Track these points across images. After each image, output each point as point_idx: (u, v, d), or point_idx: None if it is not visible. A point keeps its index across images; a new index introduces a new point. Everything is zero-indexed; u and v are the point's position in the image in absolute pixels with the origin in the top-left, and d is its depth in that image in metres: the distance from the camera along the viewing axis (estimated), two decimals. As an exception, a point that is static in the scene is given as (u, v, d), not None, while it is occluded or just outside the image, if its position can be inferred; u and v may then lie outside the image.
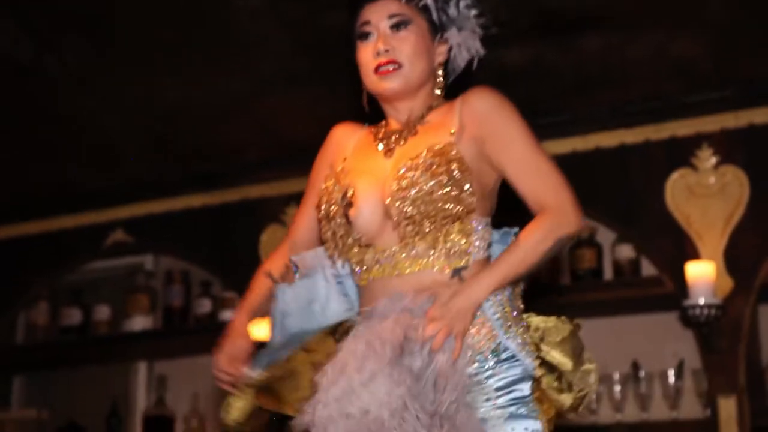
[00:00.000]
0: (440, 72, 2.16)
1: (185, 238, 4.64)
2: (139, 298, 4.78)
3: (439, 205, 1.97)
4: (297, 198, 4.44)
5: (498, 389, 1.93)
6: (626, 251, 4.05)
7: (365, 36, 2.14)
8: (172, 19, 3.41)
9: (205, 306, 4.67)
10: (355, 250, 2.06)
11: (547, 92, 3.86)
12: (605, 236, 4.10)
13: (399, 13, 2.12)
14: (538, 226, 1.96)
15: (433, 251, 2.00)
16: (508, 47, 3.49)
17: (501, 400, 1.92)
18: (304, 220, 2.28)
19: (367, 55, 2.13)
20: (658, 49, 3.53)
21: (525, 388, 1.94)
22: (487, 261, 2.04)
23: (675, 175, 3.87)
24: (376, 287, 2.03)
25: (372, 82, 2.14)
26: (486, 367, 1.93)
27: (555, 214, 1.96)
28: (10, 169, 4.52)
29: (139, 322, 4.76)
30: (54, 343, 4.94)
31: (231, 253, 4.54)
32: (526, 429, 1.93)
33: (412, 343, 1.88)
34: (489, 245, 2.05)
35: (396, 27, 2.12)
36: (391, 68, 2.10)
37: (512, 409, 1.92)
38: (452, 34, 2.15)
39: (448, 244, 2.00)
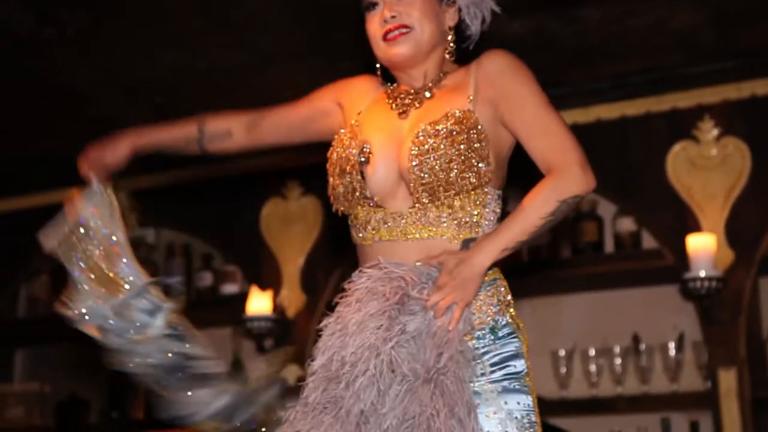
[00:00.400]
0: (450, 36, 2.14)
1: (186, 211, 4.64)
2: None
3: (457, 174, 1.96)
4: (298, 172, 4.47)
5: (493, 365, 1.93)
6: (627, 224, 4.04)
7: (372, 6, 2.12)
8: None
9: (206, 279, 4.67)
10: (365, 207, 2.05)
11: (548, 64, 3.83)
12: (606, 209, 4.10)
13: None
14: (541, 188, 1.93)
15: (445, 219, 1.98)
16: (508, 18, 3.46)
17: (495, 375, 1.92)
18: (282, 115, 2.28)
19: (374, 25, 2.11)
20: (659, 20, 3.50)
21: (518, 365, 1.95)
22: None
23: (676, 147, 3.86)
24: (381, 248, 2.01)
25: (382, 50, 2.11)
26: (483, 343, 1.93)
27: (560, 175, 1.93)
28: (10, 142, 4.51)
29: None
30: (55, 316, 4.94)
31: (232, 226, 4.54)
32: (518, 403, 1.93)
33: (413, 303, 1.87)
34: (498, 219, 2.04)
35: None
36: (398, 33, 2.09)
37: (505, 383, 1.92)
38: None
39: (461, 214, 1.98)
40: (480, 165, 1.97)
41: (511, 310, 1.99)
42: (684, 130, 3.86)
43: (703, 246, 3.65)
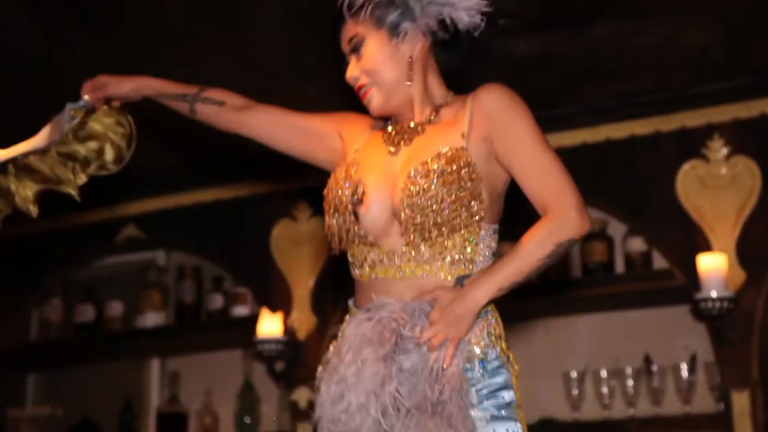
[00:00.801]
0: (419, 65, 2.12)
1: (196, 233, 4.65)
2: (152, 294, 4.79)
3: (448, 213, 1.96)
4: (307, 193, 4.47)
5: (482, 395, 1.94)
6: (637, 244, 4.02)
7: (346, 63, 2.15)
8: (181, 10, 3.41)
9: (217, 301, 4.67)
10: (360, 246, 2.06)
11: (557, 83, 3.84)
12: (616, 229, 4.08)
13: (353, 36, 2.11)
14: (538, 229, 1.94)
15: (438, 257, 1.99)
16: (516, 37, 3.48)
17: (484, 404, 1.93)
18: (280, 114, 2.28)
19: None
20: (668, 38, 3.50)
21: (507, 396, 1.96)
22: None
23: (686, 167, 3.84)
24: (378, 286, 2.03)
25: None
26: (473, 375, 1.94)
27: (556, 218, 1.94)
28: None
29: (152, 318, 4.77)
30: (67, 339, 4.96)
31: (242, 248, 4.54)
32: (506, 430, 1.93)
33: (406, 342, 1.89)
34: (493, 254, 2.04)
35: (355, 51, 2.11)
36: (364, 92, 2.11)
37: (494, 411, 1.94)
38: (412, 25, 2.10)
39: (454, 252, 1.99)
40: (472, 203, 1.97)
41: (502, 342, 2.00)
42: (693, 149, 3.84)
43: (714, 266, 3.62)
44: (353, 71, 2.10)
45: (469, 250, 1.98)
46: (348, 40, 2.11)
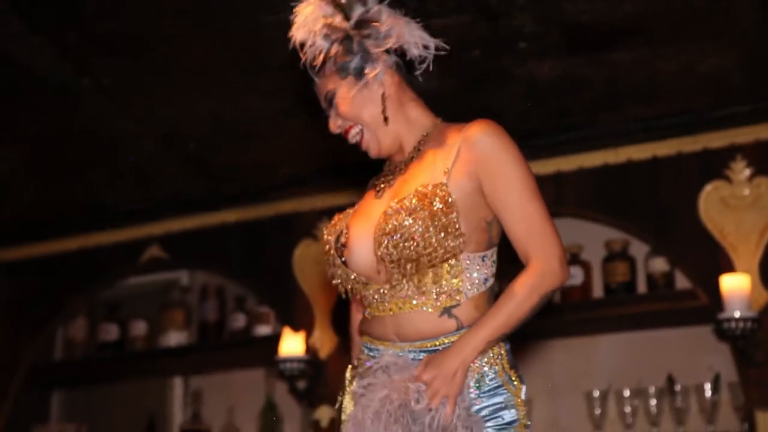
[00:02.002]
0: (393, 101, 2.15)
1: (219, 253, 4.68)
2: (175, 313, 4.83)
3: (422, 248, 1.99)
4: (329, 212, 4.48)
5: (482, 417, 1.98)
6: (660, 264, 4.03)
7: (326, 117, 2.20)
8: (204, 41, 3.45)
9: (239, 321, 4.70)
10: (357, 286, 2.10)
11: (579, 105, 3.86)
12: (638, 249, 4.09)
13: (325, 91, 2.14)
14: (523, 283, 1.99)
15: (421, 292, 2.03)
16: (538, 61, 3.50)
17: (486, 426, 1.97)
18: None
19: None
20: (689, 63, 3.51)
21: (507, 416, 2.00)
22: (484, 295, 2.05)
23: (708, 187, 3.85)
24: (375, 323, 2.08)
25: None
26: (470, 398, 1.98)
27: (539, 270, 1.99)
28: (47, 188, 4.59)
29: (175, 338, 4.80)
30: (92, 358, 5.00)
31: (265, 268, 4.57)
32: None
33: (413, 410, 1.96)
34: (486, 280, 2.06)
35: (330, 104, 2.15)
36: (357, 138, 2.14)
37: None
38: (374, 67, 2.13)
39: (437, 285, 2.02)
40: (445, 239, 1.99)
41: (503, 362, 2.02)
42: (716, 170, 3.85)
43: (737, 286, 3.62)
44: (335, 121, 2.15)
45: (454, 281, 2.01)
46: (323, 97, 2.15)
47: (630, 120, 3.92)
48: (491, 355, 2.01)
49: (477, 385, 1.99)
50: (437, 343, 2.01)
